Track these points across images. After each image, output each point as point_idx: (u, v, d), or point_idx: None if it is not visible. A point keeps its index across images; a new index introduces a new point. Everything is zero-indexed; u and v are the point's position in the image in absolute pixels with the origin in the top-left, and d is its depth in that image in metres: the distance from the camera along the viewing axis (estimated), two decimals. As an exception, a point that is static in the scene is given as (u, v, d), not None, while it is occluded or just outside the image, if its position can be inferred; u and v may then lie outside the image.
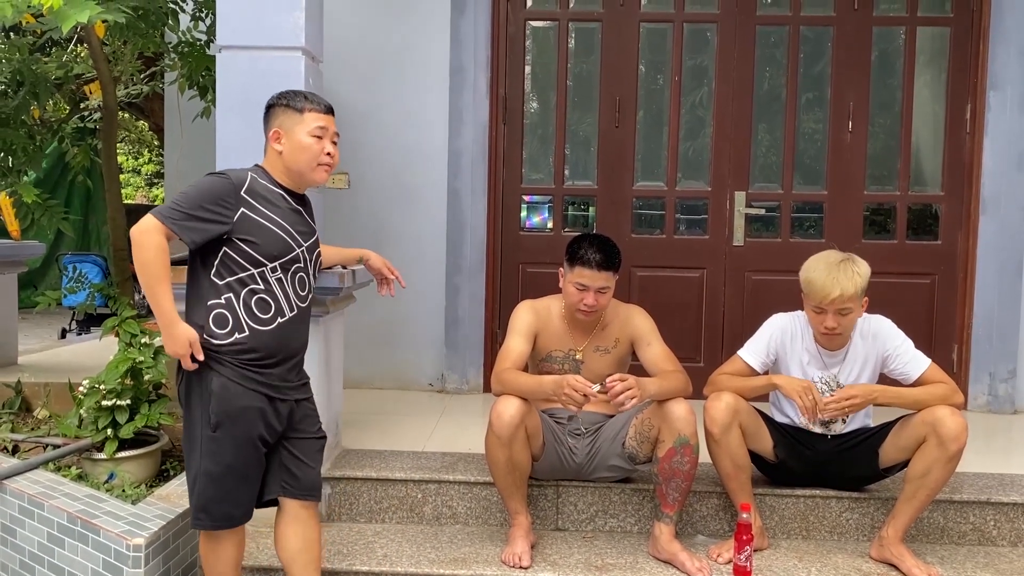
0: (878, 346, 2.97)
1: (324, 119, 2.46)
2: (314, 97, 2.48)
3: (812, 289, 2.86)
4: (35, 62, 4.31)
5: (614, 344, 3.08)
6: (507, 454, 2.83)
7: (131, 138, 12.37)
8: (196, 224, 2.28)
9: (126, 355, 3.16)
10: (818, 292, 2.83)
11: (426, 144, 4.58)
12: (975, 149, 4.45)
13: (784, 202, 4.61)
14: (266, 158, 2.49)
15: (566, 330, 3.09)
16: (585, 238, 3.00)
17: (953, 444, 2.74)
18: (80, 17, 2.74)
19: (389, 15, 4.57)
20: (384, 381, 4.66)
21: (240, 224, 2.33)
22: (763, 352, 3.02)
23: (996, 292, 4.42)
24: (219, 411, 2.32)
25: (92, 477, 3.09)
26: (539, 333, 3.07)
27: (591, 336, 3.09)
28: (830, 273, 2.83)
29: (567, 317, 3.08)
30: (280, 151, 2.43)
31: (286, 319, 2.41)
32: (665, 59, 4.64)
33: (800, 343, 3.02)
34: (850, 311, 2.85)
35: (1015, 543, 3.15)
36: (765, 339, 3.04)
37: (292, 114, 2.43)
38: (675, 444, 2.83)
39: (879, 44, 4.56)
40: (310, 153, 2.44)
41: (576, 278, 2.94)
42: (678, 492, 2.89)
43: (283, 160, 2.44)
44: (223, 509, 2.39)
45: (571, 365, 3.07)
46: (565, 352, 3.08)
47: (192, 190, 2.33)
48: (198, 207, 2.29)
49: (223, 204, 2.32)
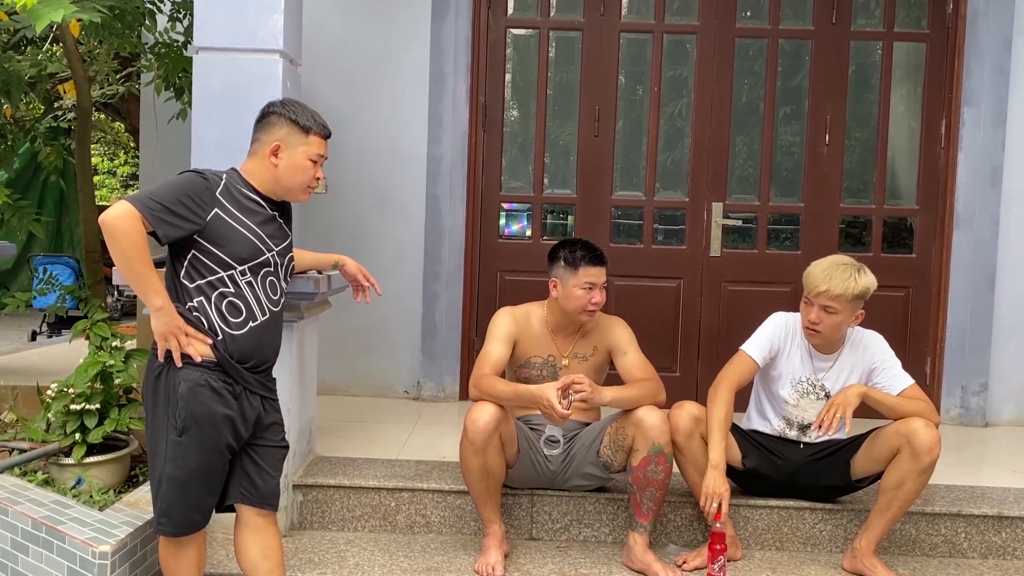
0: (867, 358, 3.00)
1: (325, 146, 2.46)
2: (318, 118, 2.45)
3: (807, 280, 2.94)
4: (8, 60, 4.25)
5: (592, 352, 3.09)
6: (481, 461, 2.82)
7: (106, 139, 12.23)
8: (172, 219, 2.24)
9: (96, 358, 3.12)
10: (810, 283, 2.91)
11: (405, 150, 4.57)
12: (950, 164, 4.50)
13: (761, 214, 4.64)
14: (249, 163, 2.44)
15: (547, 336, 3.10)
16: (574, 242, 3.05)
17: (927, 456, 2.77)
18: (54, 16, 2.70)
19: (370, 20, 4.56)
20: (359, 388, 4.62)
21: (211, 225, 2.29)
22: (765, 348, 3.05)
23: (969, 305, 4.47)
24: (186, 416, 2.27)
25: (59, 482, 3.04)
26: (518, 340, 3.07)
27: (572, 343, 3.10)
28: (827, 270, 2.89)
29: (550, 324, 3.09)
30: (276, 164, 2.39)
31: (258, 323, 2.38)
32: (645, 69, 4.66)
33: (794, 342, 3.06)
34: (836, 312, 2.88)
35: (985, 555, 3.17)
36: (768, 334, 3.07)
37: (297, 133, 2.40)
38: (649, 453, 2.83)
39: (856, 58, 4.60)
40: (306, 176, 2.43)
41: (584, 278, 2.96)
42: (652, 501, 2.89)
43: (275, 173, 2.40)
44: (186, 515, 2.36)
45: (550, 371, 3.07)
46: (544, 358, 3.09)
47: (169, 184, 2.29)
48: (176, 202, 2.25)
49: (198, 203, 2.28)
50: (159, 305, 2.25)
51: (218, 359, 2.31)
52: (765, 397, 3.14)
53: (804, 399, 3.04)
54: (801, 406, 3.05)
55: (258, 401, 2.42)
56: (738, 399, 3.00)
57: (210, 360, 2.30)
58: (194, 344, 2.28)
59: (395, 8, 4.55)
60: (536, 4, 4.65)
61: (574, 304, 2.99)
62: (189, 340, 2.28)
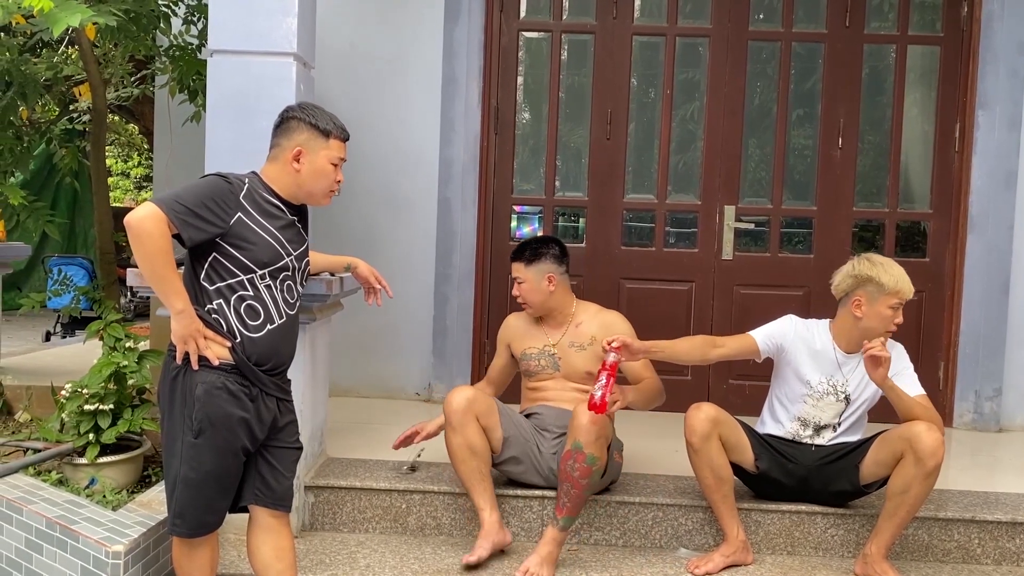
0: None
1: (344, 149, 2.46)
2: (337, 121, 2.45)
3: (900, 287, 2.93)
4: (25, 63, 4.28)
5: (590, 342, 3.18)
6: (461, 439, 2.98)
7: (120, 141, 12.31)
8: (196, 221, 2.24)
9: (110, 359, 3.13)
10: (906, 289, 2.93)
11: (417, 152, 4.58)
12: (963, 167, 4.48)
13: (773, 217, 4.62)
14: (270, 168, 2.43)
15: (534, 327, 3.30)
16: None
17: (930, 460, 2.76)
18: (71, 21, 2.72)
19: (382, 23, 4.57)
20: (370, 390, 4.63)
21: (234, 229, 2.29)
22: (770, 336, 3.08)
23: (983, 310, 4.44)
24: (202, 418, 2.28)
25: (72, 482, 3.06)
26: (511, 340, 3.35)
27: (564, 333, 3.24)
28: (902, 273, 2.95)
29: (532, 316, 3.31)
30: (298, 169, 2.39)
31: (276, 326, 2.39)
32: (657, 72, 4.65)
33: (816, 344, 3.06)
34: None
35: (999, 561, 3.15)
36: (776, 327, 3.11)
37: (318, 137, 2.40)
38: (572, 447, 2.84)
39: (870, 61, 4.58)
40: (328, 180, 2.44)
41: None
42: (568, 497, 2.86)
43: (297, 179, 2.40)
44: (200, 516, 2.36)
45: (549, 360, 3.24)
46: (539, 348, 3.26)
47: (194, 187, 2.29)
48: (201, 205, 2.24)
49: (222, 206, 2.28)
50: (180, 308, 2.25)
51: (236, 362, 2.31)
52: (778, 401, 3.14)
53: (823, 399, 3.04)
54: (820, 407, 3.05)
55: (274, 403, 2.42)
56: (751, 406, 2.99)
57: (227, 363, 2.30)
58: (212, 347, 2.29)
59: (407, 11, 4.56)
60: (548, 7, 4.66)
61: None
62: (208, 343, 2.28)
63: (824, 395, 3.04)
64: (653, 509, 3.18)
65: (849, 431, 3.07)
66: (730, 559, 2.98)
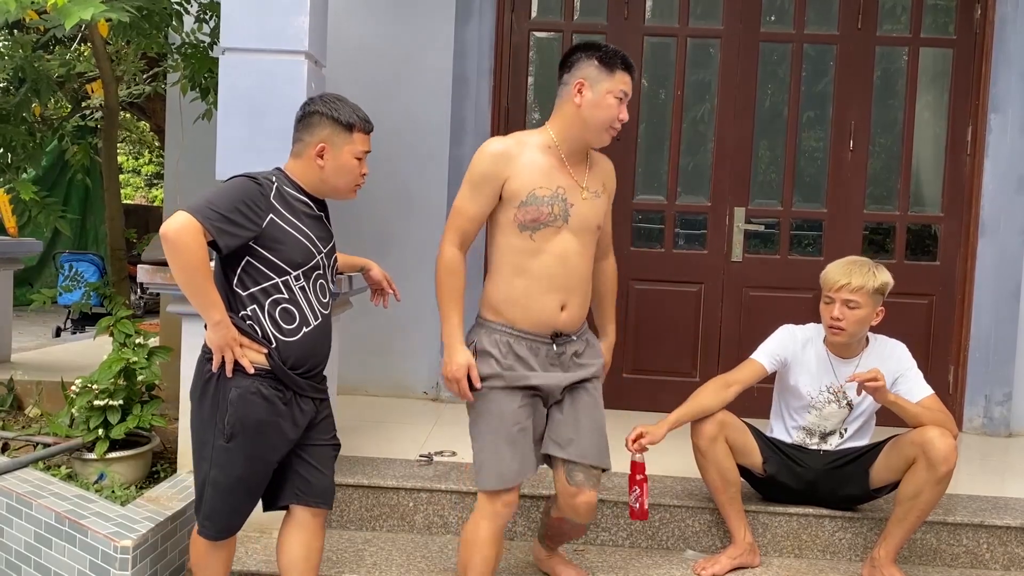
0: (890, 366, 2.96)
1: (368, 141, 2.42)
2: (360, 112, 2.40)
3: (825, 278, 2.96)
4: (37, 59, 4.31)
5: (602, 189, 2.63)
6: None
7: (132, 138, 12.36)
8: (230, 227, 2.19)
9: (120, 355, 3.15)
10: (830, 279, 2.94)
11: (428, 152, 4.58)
12: (975, 171, 4.46)
13: (783, 219, 4.61)
14: (294, 164, 2.40)
15: (554, 164, 2.48)
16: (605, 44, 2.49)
17: (943, 466, 2.74)
18: (84, 14, 2.72)
19: (393, 22, 4.57)
20: (379, 388, 4.64)
21: (267, 231, 2.25)
22: (773, 354, 3.06)
23: (993, 315, 4.42)
24: (235, 422, 2.25)
25: (82, 477, 3.08)
26: (509, 177, 2.45)
27: (584, 174, 2.56)
28: (846, 266, 2.94)
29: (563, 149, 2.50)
30: (322, 166, 2.36)
31: (311, 328, 2.35)
32: (668, 73, 4.65)
33: (811, 349, 3.04)
34: (858, 306, 2.88)
35: (1008, 567, 3.13)
36: (776, 342, 3.08)
37: (341, 131, 2.35)
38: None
39: (881, 64, 4.57)
40: (353, 175, 2.40)
41: (619, 85, 2.43)
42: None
43: (322, 174, 2.37)
44: (228, 520, 2.37)
45: (561, 208, 2.47)
46: (553, 191, 2.46)
47: (225, 191, 2.23)
48: (233, 209, 2.20)
49: (254, 209, 2.24)
50: (218, 319, 2.21)
51: (272, 367, 2.28)
52: (784, 408, 3.13)
53: (827, 407, 3.03)
54: (824, 415, 3.03)
55: (310, 403, 2.40)
56: (759, 409, 2.98)
57: (262, 368, 2.27)
58: (248, 354, 2.26)
59: (419, 11, 4.57)
60: (560, 7, 4.66)
61: (603, 115, 2.44)
62: (243, 351, 2.25)
63: (826, 404, 3.03)
64: (660, 510, 3.17)
65: (856, 436, 3.06)
66: (737, 561, 2.98)
